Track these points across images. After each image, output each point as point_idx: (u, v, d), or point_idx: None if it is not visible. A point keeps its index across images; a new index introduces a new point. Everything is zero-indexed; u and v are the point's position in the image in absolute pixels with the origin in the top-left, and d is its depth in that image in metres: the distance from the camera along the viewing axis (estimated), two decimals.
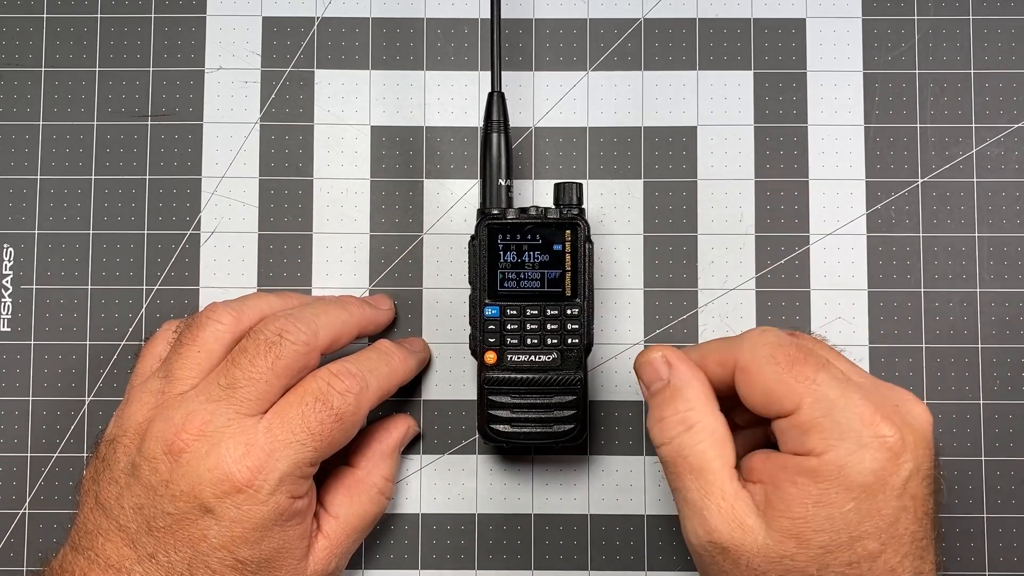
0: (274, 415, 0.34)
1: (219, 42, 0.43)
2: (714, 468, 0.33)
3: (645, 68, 0.43)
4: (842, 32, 0.43)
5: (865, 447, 0.31)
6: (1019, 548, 0.41)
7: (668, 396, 0.34)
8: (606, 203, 0.42)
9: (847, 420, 0.31)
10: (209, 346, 0.36)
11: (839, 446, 0.31)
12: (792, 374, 0.32)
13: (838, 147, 0.42)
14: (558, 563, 0.41)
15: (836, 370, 0.33)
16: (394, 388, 0.38)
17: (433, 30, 0.43)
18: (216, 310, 0.36)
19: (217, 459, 0.33)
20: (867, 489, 0.31)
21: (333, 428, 0.34)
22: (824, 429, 0.31)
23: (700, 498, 0.33)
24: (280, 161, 0.43)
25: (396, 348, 0.39)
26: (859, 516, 0.31)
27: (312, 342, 0.35)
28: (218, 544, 0.33)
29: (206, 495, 0.32)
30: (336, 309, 0.38)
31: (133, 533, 0.33)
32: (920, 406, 0.33)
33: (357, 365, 0.36)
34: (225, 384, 0.34)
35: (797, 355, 0.32)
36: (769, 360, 0.33)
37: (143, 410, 0.35)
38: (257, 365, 0.34)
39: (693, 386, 0.34)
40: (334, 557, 0.37)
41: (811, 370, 0.32)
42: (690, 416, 0.34)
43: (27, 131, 0.43)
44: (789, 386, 0.32)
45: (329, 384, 0.35)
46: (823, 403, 0.31)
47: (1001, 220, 0.42)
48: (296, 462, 0.33)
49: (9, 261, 0.42)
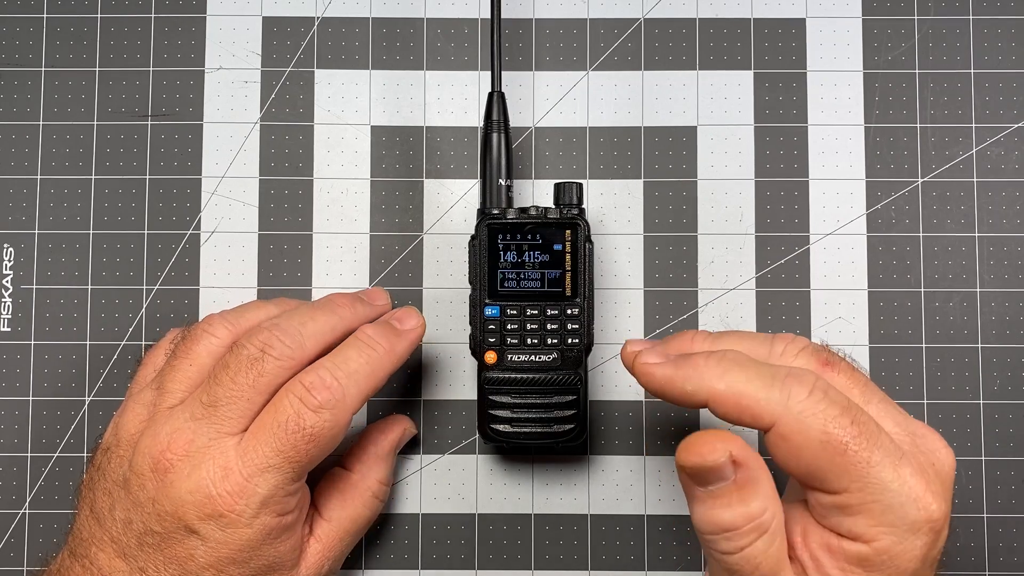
0: (250, 437, 0.33)
1: (219, 42, 0.43)
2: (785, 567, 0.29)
3: (645, 68, 0.43)
4: (842, 32, 0.43)
5: (916, 532, 0.28)
6: (1019, 548, 0.41)
7: (737, 499, 0.28)
8: (606, 203, 0.42)
9: (900, 504, 0.28)
10: (202, 360, 0.35)
11: (891, 534, 0.28)
12: (846, 458, 0.28)
13: (838, 147, 0.42)
14: (558, 563, 0.41)
15: (887, 440, 0.29)
16: (381, 383, 0.35)
17: (433, 30, 0.43)
18: (212, 323, 0.36)
19: (198, 481, 0.32)
20: (913, 573, 0.29)
21: (309, 448, 0.32)
22: (875, 515, 0.28)
23: None
24: (280, 161, 0.43)
25: (380, 335, 0.35)
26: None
27: (298, 355, 0.34)
28: (205, 563, 0.32)
29: (190, 517, 0.32)
30: (324, 315, 0.36)
31: (125, 546, 0.33)
32: (949, 455, 0.30)
33: (333, 371, 0.33)
34: (207, 402, 0.33)
35: (851, 432, 0.28)
36: (820, 438, 0.28)
37: (135, 421, 0.35)
38: (238, 383, 0.33)
39: (764, 483, 0.29)
40: (327, 560, 0.36)
41: (866, 451, 0.28)
42: (766, 520, 0.28)
43: (27, 131, 0.43)
44: (842, 469, 0.28)
45: (301, 402, 0.32)
46: (876, 486, 0.28)
47: (1001, 220, 0.42)
48: (275, 485, 0.32)
49: (9, 261, 0.42)
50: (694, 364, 0.30)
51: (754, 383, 0.29)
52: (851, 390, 0.30)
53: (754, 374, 0.29)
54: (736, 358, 0.30)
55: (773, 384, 0.29)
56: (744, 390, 0.29)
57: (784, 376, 0.29)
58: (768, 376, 0.29)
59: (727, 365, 0.29)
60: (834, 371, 0.31)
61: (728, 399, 0.29)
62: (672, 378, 0.30)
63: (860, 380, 0.31)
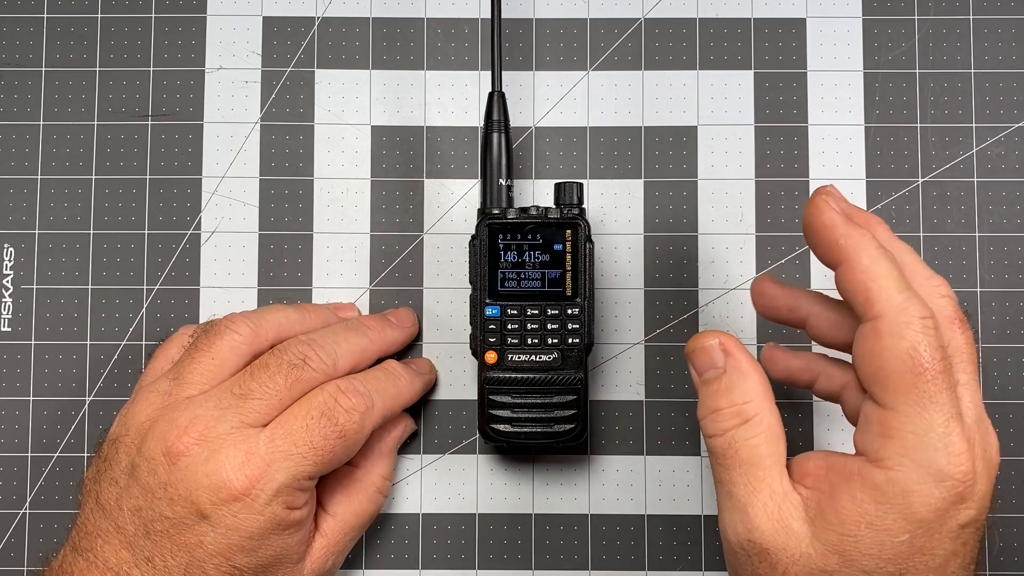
0: (277, 425, 0.34)
1: (219, 42, 0.43)
2: (766, 464, 0.31)
3: (645, 68, 0.43)
4: (842, 32, 0.43)
5: (939, 482, 0.29)
6: (1019, 548, 0.41)
7: (724, 387, 0.32)
8: (606, 203, 0.42)
9: (935, 448, 0.29)
10: (223, 355, 0.36)
11: (912, 469, 0.29)
12: (916, 381, 0.29)
13: (838, 147, 0.42)
14: (558, 563, 0.41)
15: (955, 398, 0.30)
16: (399, 409, 0.38)
17: (433, 30, 0.43)
18: (235, 320, 0.36)
19: (216, 465, 0.33)
20: (925, 524, 0.29)
21: (336, 444, 0.34)
22: (907, 445, 0.29)
23: (747, 494, 0.31)
24: (280, 161, 0.43)
25: (403, 370, 0.39)
26: (911, 550, 0.29)
27: (331, 372, 0.36)
28: (214, 551, 0.33)
29: (203, 501, 0.32)
30: (356, 336, 0.38)
31: (131, 536, 0.33)
32: (998, 456, 0.31)
33: (364, 384, 0.36)
34: (239, 393, 0.34)
35: (936, 366, 0.29)
36: (907, 350, 0.29)
37: (148, 410, 0.35)
38: (276, 381, 0.34)
39: (752, 378, 0.32)
40: (331, 556, 0.37)
41: (935, 388, 0.29)
42: (747, 409, 0.32)
43: (27, 131, 0.43)
44: (906, 388, 0.29)
45: (336, 400, 0.34)
46: (923, 420, 0.29)
47: (1001, 220, 0.42)
48: (294, 474, 0.33)
49: (9, 261, 0.42)
50: (861, 232, 0.31)
51: (891, 278, 0.30)
52: (961, 353, 0.31)
53: (896, 275, 0.30)
54: (892, 257, 0.31)
55: (904, 290, 0.30)
56: (879, 274, 0.30)
57: (914, 294, 0.30)
58: (904, 285, 0.30)
59: (884, 252, 0.30)
60: (960, 329, 0.31)
61: (860, 271, 0.30)
62: (836, 225, 0.31)
63: (971, 353, 0.32)
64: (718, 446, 0.32)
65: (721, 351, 0.33)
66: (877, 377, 0.30)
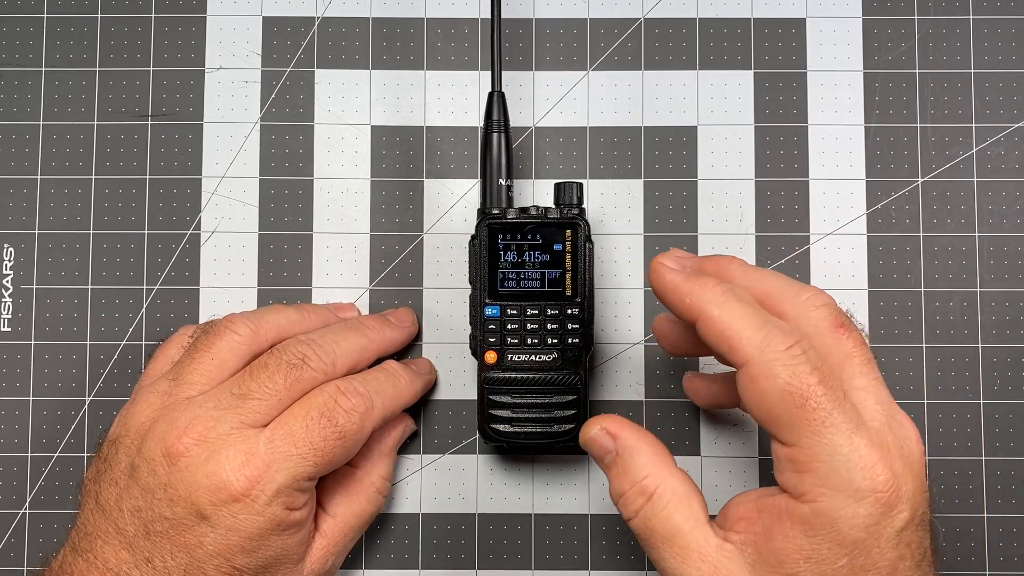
0: (277, 426, 0.34)
1: (219, 42, 0.43)
2: (684, 531, 0.31)
3: (645, 68, 0.43)
4: (842, 32, 0.43)
5: (860, 500, 0.29)
6: (1019, 548, 0.41)
7: (621, 469, 0.33)
8: (606, 203, 0.42)
9: (846, 469, 0.29)
10: (223, 355, 0.36)
11: (833, 497, 0.29)
12: (803, 413, 0.29)
13: (838, 147, 0.42)
14: (558, 563, 0.41)
15: (849, 408, 0.29)
16: (398, 410, 0.38)
17: (433, 30, 0.43)
18: (235, 321, 0.36)
19: (216, 466, 0.33)
20: (859, 545, 0.29)
21: (335, 445, 0.34)
22: (820, 475, 0.29)
23: (679, 565, 0.31)
24: (280, 161, 0.43)
25: (403, 370, 0.39)
26: (853, 570, 0.29)
27: (330, 372, 0.36)
28: (214, 551, 0.33)
29: (202, 502, 0.32)
30: (355, 336, 0.38)
31: (131, 536, 0.33)
32: (919, 447, 0.31)
33: (364, 384, 0.36)
34: (238, 393, 0.34)
35: (815, 391, 0.29)
36: (783, 387, 0.29)
37: (148, 410, 0.35)
38: (276, 381, 0.34)
39: (643, 451, 0.33)
40: (331, 556, 0.37)
41: (824, 411, 0.29)
42: (647, 485, 0.32)
43: (27, 131, 0.43)
44: (798, 423, 0.29)
45: (335, 400, 0.34)
46: (826, 447, 0.29)
47: (1001, 220, 0.42)
48: (294, 475, 0.33)
49: (9, 261, 0.42)
50: (703, 284, 0.31)
51: (744, 321, 0.30)
52: (852, 357, 0.31)
53: (749, 313, 0.30)
54: (742, 295, 0.31)
55: (760, 328, 0.30)
56: (732, 323, 0.30)
57: (773, 326, 0.30)
58: (759, 321, 0.30)
59: (730, 297, 0.31)
60: (844, 334, 0.31)
61: (715, 325, 0.30)
62: (678, 287, 0.31)
63: (864, 354, 0.31)
64: (636, 528, 0.33)
65: (607, 436, 0.33)
66: (768, 419, 0.30)
